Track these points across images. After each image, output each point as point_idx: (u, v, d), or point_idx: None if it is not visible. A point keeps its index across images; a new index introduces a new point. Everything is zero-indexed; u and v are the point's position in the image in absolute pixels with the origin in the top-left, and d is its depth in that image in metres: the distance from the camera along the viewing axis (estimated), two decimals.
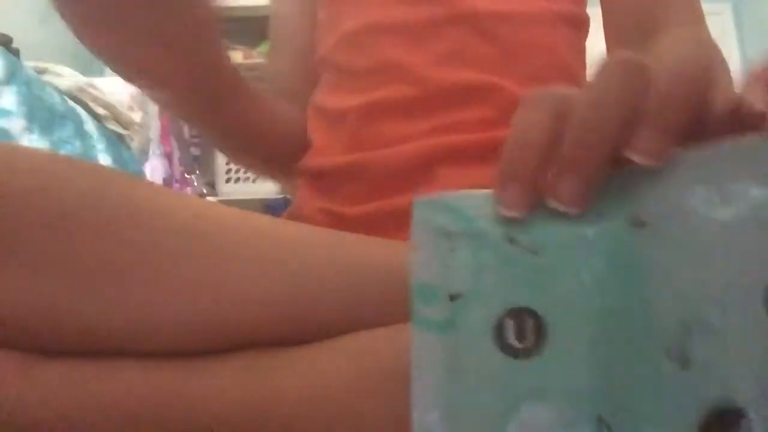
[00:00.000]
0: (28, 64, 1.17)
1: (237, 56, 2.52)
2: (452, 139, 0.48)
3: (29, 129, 1.05)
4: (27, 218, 0.28)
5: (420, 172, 0.48)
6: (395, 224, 0.48)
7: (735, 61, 2.56)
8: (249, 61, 2.51)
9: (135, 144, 1.51)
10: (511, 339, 0.21)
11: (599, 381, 0.20)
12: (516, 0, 0.53)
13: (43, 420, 0.27)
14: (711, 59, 0.22)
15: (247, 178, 2.02)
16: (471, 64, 0.51)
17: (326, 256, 0.31)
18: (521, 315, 0.21)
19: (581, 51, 0.57)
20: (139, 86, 0.49)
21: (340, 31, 0.55)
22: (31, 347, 0.28)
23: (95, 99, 1.29)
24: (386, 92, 0.51)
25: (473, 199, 0.22)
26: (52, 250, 0.28)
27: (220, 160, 2.04)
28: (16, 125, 1.03)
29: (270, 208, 1.65)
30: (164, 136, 1.62)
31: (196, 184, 1.63)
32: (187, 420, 0.27)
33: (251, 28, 2.54)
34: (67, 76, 1.25)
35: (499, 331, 0.21)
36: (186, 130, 1.95)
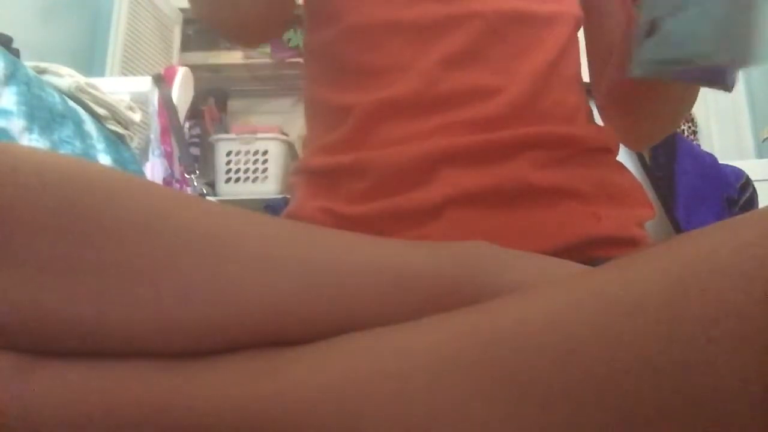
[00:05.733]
0: (28, 64, 1.16)
1: (237, 56, 2.52)
2: (455, 139, 0.48)
3: (29, 129, 1.05)
4: (27, 218, 0.28)
5: (423, 172, 0.48)
6: (397, 224, 0.48)
7: None
8: (249, 61, 2.52)
9: (135, 144, 1.51)
10: None
11: None
12: (528, 0, 0.53)
13: (43, 421, 0.27)
14: None
15: (247, 178, 2.02)
16: (480, 63, 0.51)
17: (326, 255, 0.31)
18: None
19: (578, 49, 0.58)
20: None
21: (343, 24, 0.55)
22: (31, 348, 0.28)
23: (95, 99, 1.28)
24: (394, 91, 0.51)
25: None
26: (52, 250, 0.28)
27: (220, 160, 2.04)
28: (15, 125, 1.02)
29: (270, 208, 1.65)
30: (164, 136, 1.62)
31: (196, 184, 1.63)
32: (188, 420, 0.27)
33: None
34: (67, 76, 1.25)
35: None
36: (186, 130, 1.95)
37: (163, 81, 1.66)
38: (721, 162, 1.25)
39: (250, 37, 0.63)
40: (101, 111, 1.29)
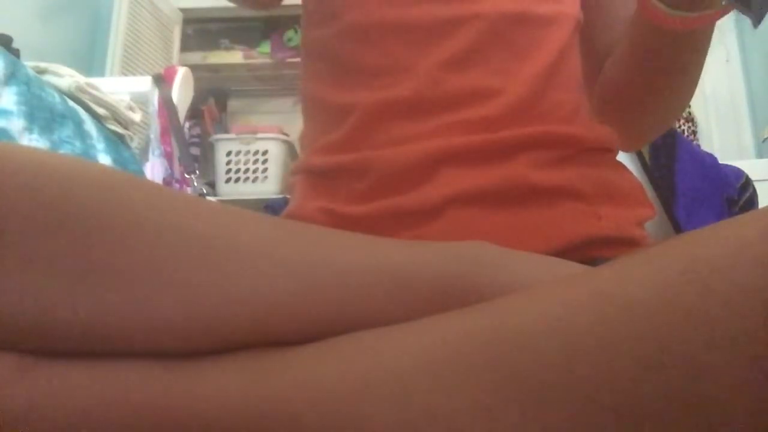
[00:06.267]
0: (28, 64, 1.16)
1: (237, 56, 2.52)
2: (456, 140, 0.48)
3: (29, 129, 1.05)
4: (26, 218, 0.28)
5: (423, 172, 0.48)
6: (397, 224, 0.48)
7: (735, 61, 2.56)
8: (249, 61, 2.52)
9: (135, 144, 1.51)
10: None
11: None
12: (530, 1, 0.53)
13: (44, 421, 0.27)
14: None
15: (247, 179, 2.02)
16: (481, 64, 0.51)
17: (326, 255, 0.31)
18: None
19: (578, 49, 0.58)
20: None
21: (344, 22, 0.54)
22: (31, 348, 0.28)
23: (95, 99, 1.28)
24: (395, 92, 0.51)
25: None
26: (52, 250, 0.28)
27: (220, 160, 2.04)
28: (15, 125, 1.02)
29: (270, 208, 1.65)
30: (164, 136, 1.62)
31: (196, 184, 1.63)
32: (188, 420, 0.27)
33: (251, 28, 2.55)
34: (67, 76, 1.25)
35: None
36: (186, 130, 1.95)
37: (163, 81, 1.66)
38: (721, 162, 1.25)
39: None
40: (101, 111, 1.29)
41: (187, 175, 1.64)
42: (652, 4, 0.45)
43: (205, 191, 1.71)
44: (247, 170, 2.02)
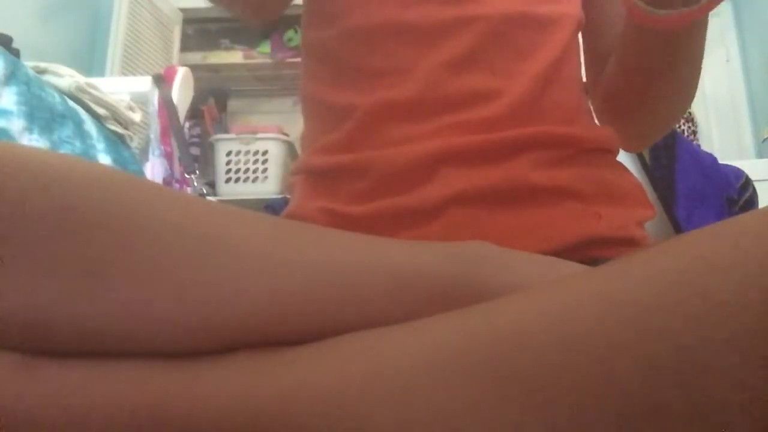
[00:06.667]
0: (28, 64, 1.16)
1: (237, 56, 2.52)
2: (456, 140, 0.48)
3: (29, 129, 1.05)
4: (26, 218, 0.28)
5: (423, 171, 0.48)
6: (397, 224, 0.48)
7: (735, 61, 2.56)
8: (249, 61, 2.52)
9: (135, 144, 1.51)
10: None
11: None
12: (531, 2, 0.53)
13: (42, 421, 0.27)
14: None
15: (247, 178, 2.02)
16: (482, 66, 0.51)
17: (326, 255, 0.31)
18: None
19: (579, 49, 0.58)
20: None
21: (345, 24, 0.54)
22: (30, 348, 0.28)
23: (95, 99, 1.29)
24: (396, 93, 0.51)
25: None
26: (53, 250, 0.28)
27: (220, 160, 2.04)
28: (15, 125, 1.02)
29: (270, 208, 1.65)
30: (164, 136, 1.62)
31: (196, 184, 1.63)
32: (188, 420, 0.27)
33: (251, 28, 2.55)
34: (67, 76, 1.25)
35: None
36: (186, 130, 1.95)
37: (163, 81, 1.66)
38: (721, 162, 1.25)
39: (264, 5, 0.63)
40: (101, 111, 1.29)
41: (187, 175, 1.64)
42: (634, 4, 0.45)
43: (205, 191, 1.71)
44: (247, 170, 2.02)
